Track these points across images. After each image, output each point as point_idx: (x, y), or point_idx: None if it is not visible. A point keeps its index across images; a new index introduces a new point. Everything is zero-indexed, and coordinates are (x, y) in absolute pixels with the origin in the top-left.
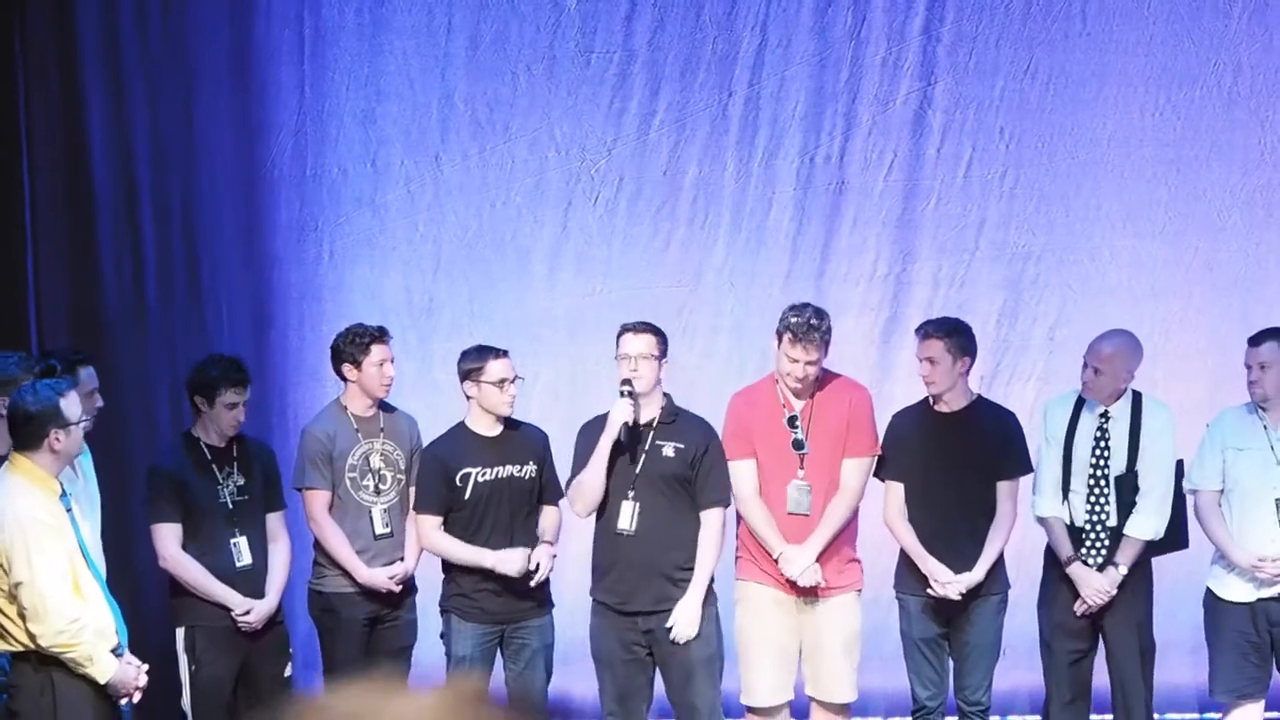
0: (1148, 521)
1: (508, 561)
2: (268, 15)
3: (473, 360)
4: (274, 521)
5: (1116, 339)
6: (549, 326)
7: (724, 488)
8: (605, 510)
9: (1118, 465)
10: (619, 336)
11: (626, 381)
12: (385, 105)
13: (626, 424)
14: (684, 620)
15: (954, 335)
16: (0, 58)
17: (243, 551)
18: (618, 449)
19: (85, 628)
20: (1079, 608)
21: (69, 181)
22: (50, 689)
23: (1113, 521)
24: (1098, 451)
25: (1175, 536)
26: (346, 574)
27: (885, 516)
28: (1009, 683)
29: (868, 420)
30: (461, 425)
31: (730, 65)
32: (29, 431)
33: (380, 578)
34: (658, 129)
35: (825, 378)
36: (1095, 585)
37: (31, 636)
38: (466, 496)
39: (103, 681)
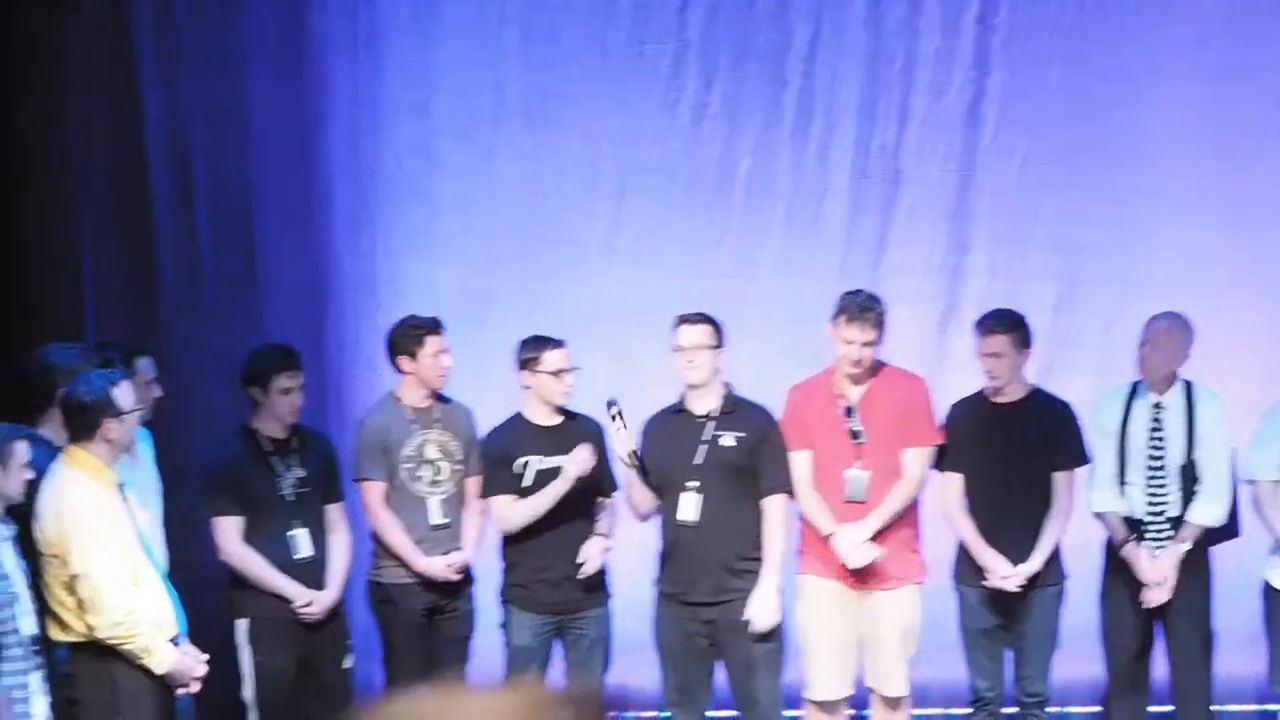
0: (1210, 508)
1: (575, 463)
2: (323, 6)
3: (530, 350)
4: (333, 513)
5: (1171, 316)
6: (602, 318)
7: (786, 475)
8: (667, 501)
9: (1175, 455)
10: (674, 328)
11: (613, 403)
12: (438, 97)
13: (634, 450)
14: (761, 610)
15: (1017, 329)
16: (53, 48)
17: (302, 544)
18: (678, 431)
19: (142, 619)
20: (1146, 596)
21: (123, 173)
22: (109, 679)
23: (1175, 511)
24: (1154, 442)
25: (1228, 525)
26: (405, 564)
27: (943, 508)
28: (1068, 674)
29: (926, 409)
30: (519, 415)
31: (783, 56)
32: (83, 421)
33: (438, 566)
34: (711, 120)
35: (880, 369)
36: (1156, 566)
37: (89, 628)
38: (527, 484)
39: (160, 672)
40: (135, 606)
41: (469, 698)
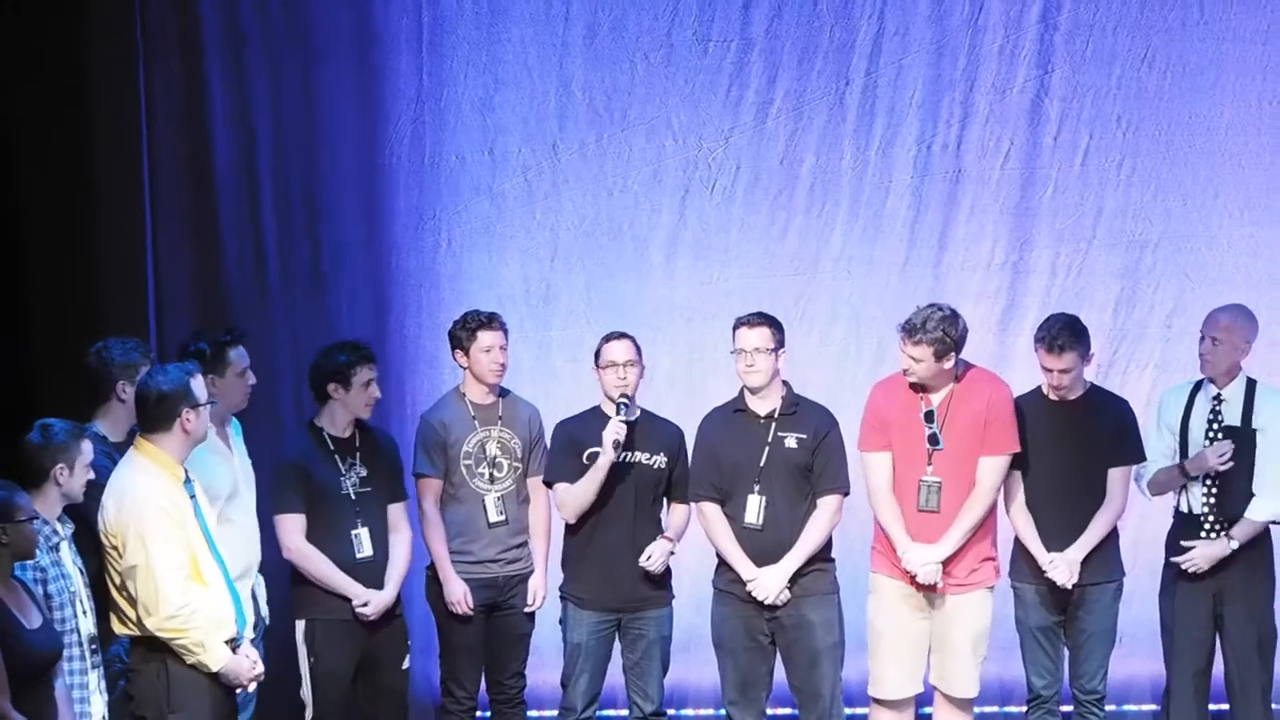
0: (1266, 504)
1: (611, 434)
2: (387, 2)
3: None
4: (395, 513)
5: (1233, 309)
6: (666, 315)
7: (841, 476)
8: (732, 503)
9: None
10: (734, 330)
11: (623, 395)
12: (503, 93)
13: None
14: (765, 584)
15: (1082, 341)
16: (121, 41)
17: (364, 543)
18: (742, 432)
19: (196, 614)
20: (1183, 561)
21: (190, 166)
22: (164, 673)
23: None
24: (1211, 433)
25: None
26: (462, 561)
27: (1002, 504)
28: (1126, 671)
29: (1008, 418)
30: (597, 409)
31: (848, 53)
32: (160, 413)
33: (457, 592)
34: (775, 117)
35: (966, 372)
36: (1205, 552)
37: (143, 621)
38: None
39: (213, 670)
40: (189, 601)
41: None
